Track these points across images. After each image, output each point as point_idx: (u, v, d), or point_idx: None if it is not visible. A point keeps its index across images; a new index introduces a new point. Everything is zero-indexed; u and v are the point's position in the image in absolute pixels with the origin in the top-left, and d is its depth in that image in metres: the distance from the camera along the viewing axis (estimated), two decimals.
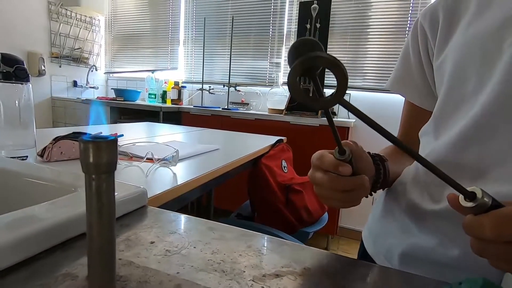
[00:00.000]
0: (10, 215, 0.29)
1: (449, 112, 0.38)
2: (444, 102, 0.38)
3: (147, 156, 0.73)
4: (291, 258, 0.31)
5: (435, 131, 0.40)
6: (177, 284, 0.25)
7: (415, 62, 0.46)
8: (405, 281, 0.29)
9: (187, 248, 0.31)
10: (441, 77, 0.40)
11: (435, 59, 0.42)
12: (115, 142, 0.13)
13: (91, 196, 0.13)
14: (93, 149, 0.12)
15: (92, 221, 0.13)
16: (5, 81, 0.53)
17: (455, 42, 0.37)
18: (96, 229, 0.13)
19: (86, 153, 0.12)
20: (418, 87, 0.47)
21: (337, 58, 0.25)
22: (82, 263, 0.27)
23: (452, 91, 0.37)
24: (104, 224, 0.13)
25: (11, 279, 0.24)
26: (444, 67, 0.39)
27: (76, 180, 0.43)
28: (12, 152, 0.56)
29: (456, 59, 0.36)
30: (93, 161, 0.12)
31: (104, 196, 0.13)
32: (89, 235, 0.13)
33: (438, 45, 0.41)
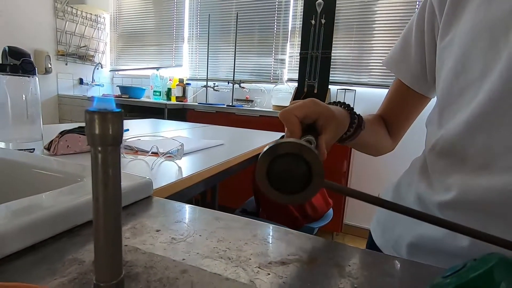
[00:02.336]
0: (17, 202, 0.29)
1: (453, 99, 0.36)
2: (448, 88, 0.37)
3: (152, 150, 0.74)
4: (298, 247, 0.31)
5: (439, 119, 0.39)
6: (183, 270, 0.24)
7: (416, 41, 0.45)
8: (413, 270, 0.28)
9: (192, 236, 0.31)
10: (443, 60, 0.39)
11: (440, 39, 0.40)
12: (121, 114, 0.12)
13: (97, 169, 0.12)
14: (99, 120, 0.12)
15: (98, 193, 0.13)
16: (13, 74, 0.54)
17: (463, 26, 0.36)
18: (102, 203, 0.13)
19: (92, 124, 0.12)
20: (412, 67, 0.46)
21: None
22: (88, 249, 0.27)
23: (457, 77, 0.36)
24: (110, 197, 0.13)
25: (19, 263, 0.24)
26: (449, 50, 0.38)
27: (82, 170, 0.43)
28: (19, 144, 0.56)
29: (463, 43, 0.35)
30: (99, 133, 0.12)
31: (110, 169, 0.12)
32: (95, 209, 0.13)
33: (444, 25, 0.39)
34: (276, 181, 0.22)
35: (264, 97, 2.54)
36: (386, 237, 0.44)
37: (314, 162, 0.21)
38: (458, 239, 0.33)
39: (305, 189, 0.22)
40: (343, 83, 2.26)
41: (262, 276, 0.25)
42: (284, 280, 0.25)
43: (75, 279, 0.22)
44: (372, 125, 0.48)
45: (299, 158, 0.21)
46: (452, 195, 0.34)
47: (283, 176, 0.22)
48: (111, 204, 0.13)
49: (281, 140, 0.22)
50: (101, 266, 0.14)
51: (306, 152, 0.21)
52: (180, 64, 2.87)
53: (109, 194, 0.13)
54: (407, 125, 0.53)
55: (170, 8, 2.84)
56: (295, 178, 0.22)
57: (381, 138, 0.50)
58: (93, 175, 0.12)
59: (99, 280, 0.14)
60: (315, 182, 0.21)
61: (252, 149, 0.98)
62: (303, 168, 0.21)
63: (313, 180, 0.21)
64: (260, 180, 0.22)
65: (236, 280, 0.24)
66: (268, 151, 0.21)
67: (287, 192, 0.22)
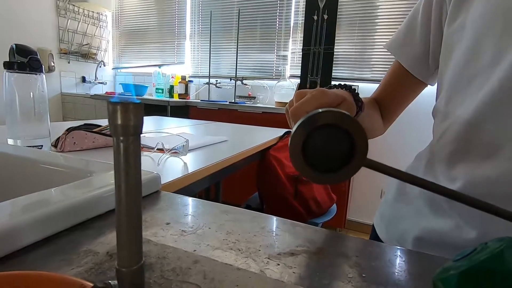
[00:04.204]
0: (31, 196, 0.30)
1: (462, 86, 0.36)
2: (457, 75, 0.36)
3: (158, 146, 0.74)
4: (305, 239, 0.31)
5: (446, 107, 0.38)
6: (195, 260, 0.25)
7: (421, 26, 0.44)
8: (420, 260, 0.29)
9: (202, 228, 0.32)
10: (451, 46, 0.38)
11: (448, 25, 0.39)
12: (141, 105, 0.13)
13: (119, 158, 0.13)
14: (121, 111, 0.12)
15: (120, 181, 0.13)
16: (20, 71, 0.54)
17: (474, 11, 0.35)
18: (124, 190, 0.13)
19: (114, 115, 0.12)
20: (415, 52, 0.46)
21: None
22: (101, 241, 0.28)
23: (467, 63, 0.35)
24: (131, 185, 0.13)
25: (35, 255, 0.25)
26: (458, 36, 0.37)
27: (90, 166, 0.44)
28: (28, 141, 0.57)
29: (474, 29, 0.34)
30: (121, 123, 0.13)
31: (131, 158, 0.13)
32: (117, 196, 0.13)
33: (453, 8, 0.38)
34: (313, 157, 0.19)
35: (266, 93, 2.54)
36: (391, 231, 0.44)
37: (358, 136, 0.18)
38: (465, 232, 0.34)
39: (343, 168, 0.19)
40: (346, 78, 2.25)
41: (272, 266, 0.26)
42: (293, 270, 0.25)
43: (91, 268, 0.23)
44: (367, 109, 0.48)
45: (341, 131, 0.18)
46: (458, 186, 0.34)
47: (321, 151, 0.19)
48: (133, 191, 0.13)
49: (321, 110, 0.18)
50: (123, 252, 0.14)
51: (350, 124, 0.18)
52: (182, 61, 2.87)
53: (130, 181, 0.13)
54: (400, 110, 0.53)
55: (172, 5, 2.84)
56: (334, 154, 0.19)
57: (375, 122, 0.49)
58: (115, 163, 0.13)
59: (121, 265, 0.14)
60: (357, 159, 0.18)
61: (256, 145, 0.98)
62: (345, 143, 0.18)
63: (354, 157, 0.18)
64: (294, 156, 0.19)
65: (247, 270, 0.24)
66: (306, 121, 0.18)
67: (322, 170, 0.19)
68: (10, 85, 0.55)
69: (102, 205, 0.33)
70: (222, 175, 0.80)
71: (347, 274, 0.25)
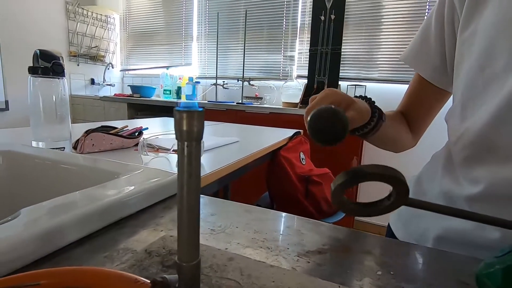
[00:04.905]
0: (69, 196, 0.32)
1: (478, 92, 0.36)
2: (472, 81, 0.37)
3: (174, 147, 0.76)
4: (330, 238, 0.32)
5: (462, 113, 0.39)
6: (229, 258, 0.26)
7: (435, 35, 0.45)
8: (444, 259, 0.30)
9: (229, 227, 0.33)
10: (464, 53, 0.39)
11: (461, 32, 0.40)
12: (203, 113, 0.14)
13: (183, 160, 0.14)
14: (186, 118, 0.14)
15: (183, 182, 0.14)
16: (44, 76, 0.56)
17: (486, 18, 0.36)
18: (186, 190, 0.14)
19: (180, 122, 0.14)
20: (432, 61, 0.46)
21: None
22: (137, 240, 0.29)
23: (481, 69, 0.36)
24: (193, 185, 0.14)
25: (78, 252, 0.26)
26: (471, 43, 0.38)
27: (115, 167, 0.45)
28: (51, 143, 0.59)
29: (487, 36, 0.35)
30: (186, 129, 0.14)
31: (194, 161, 0.14)
32: (180, 195, 0.15)
33: (465, 16, 0.39)
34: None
35: (273, 94, 2.55)
36: (409, 230, 0.45)
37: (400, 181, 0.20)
38: (488, 231, 0.34)
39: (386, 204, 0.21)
40: (353, 78, 2.25)
41: (303, 263, 0.27)
42: (323, 268, 0.26)
43: (133, 265, 0.24)
44: (392, 120, 0.48)
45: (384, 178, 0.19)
46: (480, 188, 0.34)
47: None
48: (194, 191, 0.14)
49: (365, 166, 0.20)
50: (184, 247, 0.15)
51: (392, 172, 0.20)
52: (189, 62, 2.89)
53: (192, 182, 0.14)
54: (428, 121, 0.53)
55: (179, 7, 2.86)
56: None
57: (402, 134, 0.50)
58: (180, 166, 0.14)
59: (181, 260, 0.15)
60: (399, 199, 0.21)
61: (268, 145, 1.00)
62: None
63: (397, 197, 0.20)
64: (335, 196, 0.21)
65: (279, 267, 0.25)
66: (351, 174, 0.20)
67: (365, 205, 0.22)
68: (34, 89, 0.57)
69: (134, 205, 0.34)
70: (236, 175, 0.81)
71: (375, 272, 0.26)
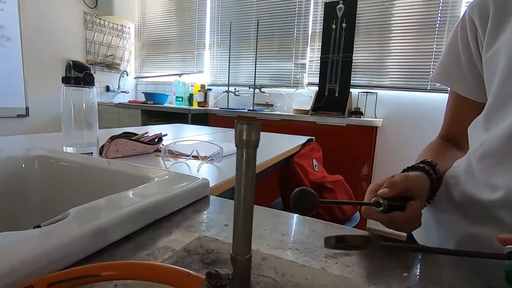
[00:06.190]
0: (111, 198, 0.34)
1: (501, 104, 0.38)
2: (497, 95, 0.39)
3: (193, 154, 0.78)
4: None
5: (485, 124, 0.41)
6: (263, 257, 0.28)
7: (464, 53, 0.47)
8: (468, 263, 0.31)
9: (258, 230, 0.35)
10: (492, 70, 0.41)
11: (485, 52, 0.42)
12: (260, 125, 0.16)
13: (241, 166, 0.16)
14: (246, 130, 0.16)
15: (241, 185, 0.16)
16: (77, 86, 0.60)
17: (508, 36, 0.38)
18: (243, 192, 0.16)
19: (241, 132, 0.16)
20: (466, 78, 0.48)
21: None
22: (174, 239, 0.31)
23: (505, 84, 0.38)
24: (249, 189, 0.16)
25: (123, 249, 0.29)
26: (495, 60, 0.40)
27: (144, 172, 0.48)
28: (81, 149, 0.62)
29: (510, 52, 0.37)
30: (246, 138, 0.16)
31: (251, 166, 0.16)
32: (237, 198, 0.17)
33: (488, 37, 0.41)
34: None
35: (284, 101, 2.58)
36: (430, 236, 0.46)
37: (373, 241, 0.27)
38: None
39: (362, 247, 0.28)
40: (364, 86, 2.25)
41: (331, 264, 0.28)
42: (352, 269, 0.28)
43: (176, 262, 0.26)
44: (443, 159, 0.47)
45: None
46: (500, 195, 0.35)
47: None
48: (250, 193, 0.16)
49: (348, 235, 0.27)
50: (239, 242, 0.17)
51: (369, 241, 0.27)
52: (201, 70, 2.95)
53: (248, 185, 0.16)
54: None
55: (192, 16, 2.94)
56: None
57: (454, 160, 0.49)
58: (238, 170, 0.16)
59: (237, 253, 0.17)
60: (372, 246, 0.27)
61: (282, 152, 1.01)
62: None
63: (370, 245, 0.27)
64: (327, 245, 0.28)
65: (311, 267, 0.27)
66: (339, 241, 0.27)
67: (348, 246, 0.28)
68: (67, 98, 0.60)
69: (169, 207, 0.36)
70: None
71: (402, 273, 0.27)
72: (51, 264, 0.24)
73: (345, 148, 1.96)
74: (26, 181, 0.54)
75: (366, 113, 2.24)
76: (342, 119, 1.97)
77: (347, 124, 1.94)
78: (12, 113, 2.33)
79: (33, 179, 0.54)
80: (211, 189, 0.55)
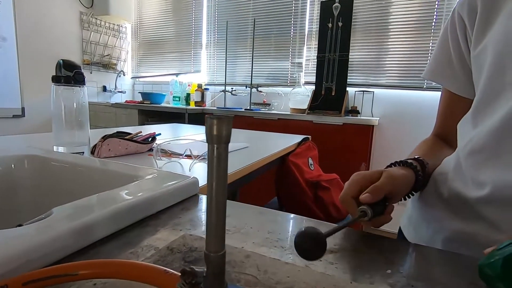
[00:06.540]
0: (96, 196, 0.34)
1: (488, 101, 0.38)
2: (484, 91, 0.39)
3: (186, 153, 0.78)
4: (341, 238, 0.33)
5: (473, 120, 0.41)
6: (247, 255, 0.28)
7: (454, 50, 0.47)
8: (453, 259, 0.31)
9: (244, 228, 0.35)
10: (479, 67, 0.41)
11: (473, 48, 0.42)
12: (231, 119, 0.16)
13: (213, 161, 0.16)
14: (216, 124, 0.15)
15: (213, 181, 0.16)
16: (66, 85, 0.59)
17: (496, 32, 0.38)
18: (215, 189, 0.16)
19: (211, 127, 0.16)
20: (457, 75, 0.48)
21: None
22: (159, 238, 0.31)
23: (492, 80, 0.38)
24: (221, 184, 0.16)
25: (110, 246, 0.29)
26: (483, 57, 0.40)
27: (134, 171, 0.47)
28: (72, 148, 0.62)
29: (497, 48, 0.37)
30: (216, 134, 0.16)
31: (222, 162, 0.16)
32: (209, 194, 0.16)
33: (476, 34, 0.41)
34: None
35: (281, 100, 2.57)
36: (419, 233, 0.46)
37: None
38: (495, 233, 0.35)
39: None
40: (361, 84, 2.25)
41: (316, 262, 0.28)
42: (336, 266, 0.28)
43: (157, 261, 0.26)
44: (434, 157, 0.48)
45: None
46: (487, 191, 0.35)
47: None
48: (222, 189, 0.16)
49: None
50: (212, 239, 0.17)
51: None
52: (198, 70, 2.95)
53: (220, 181, 0.16)
54: None
55: (188, 16, 2.93)
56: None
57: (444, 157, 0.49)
58: (209, 165, 0.16)
59: (210, 250, 0.17)
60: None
61: (277, 151, 1.01)
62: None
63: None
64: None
65: (294, 264, 0.27)
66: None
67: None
68: (57, 97, 0.60)
69: (156, 205, 0.36)
70: (246, 180, 0.83)
71: (385, 270, 0.27)
72: (31, 262, 0.24)
73: (342, 147, 1.96)
74: (16, 180, 0.54)
75: (362, 112, 2.24)
76: (339, 118, 1.97)
77: (344, 123, 1.94)
78: (7, 114, 2.32)
79: (23, 179, 0.54)
80: (201, 188, 0.54)
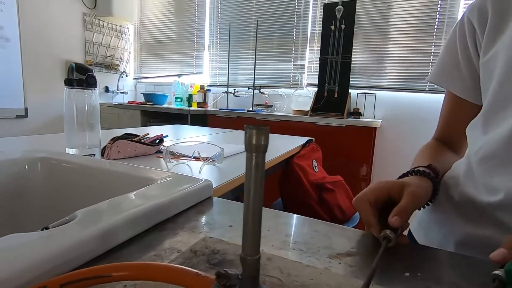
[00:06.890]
0: (117, 199, 0.34)
1: (499, 107, 0.39)
2: (495, 97, 0.40)
3: (194, 155, 0.79)
4: (357, 241, 0.34)
5: (484, 126, 0.41)
6: (268, 258, 0.28)
7: (462, 54, 0.47)
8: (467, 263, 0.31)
9: (262, 231, 0.35)
10: (489, 72, 0.41)
11: (483, 54, 0.43)
12: (268, 129, 0.17)
13: (251, 169, 0.17)
14: (256, 134, 0.16)
15: (250, 188, 0.17)
16: (79, 88, 0.60)
17: (507, 38, 0.38)
18: (252, 196, 0.17)
19: (251, 137, 0.16)
20: (463, 79, 0.48)
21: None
22: (179, 240, 0.32)
23: (502, 86, 0.38)
24: (258, 191, 0.17)
25: (130, 250, 0.29)
26: (493, 63, 0.40)
27: (147, 173, 0.48)
28: (84, 150, 0.63)
29: (508, 55, 0.37)
30: (255, 143, 0.16)
31: (260, 170, 0.17)
32: (247, 200, 0.17)
33: (487, 40, 0.42)
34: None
35: (283, 102, 2.58)
36: (430, 236, 0.46)
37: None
38: None
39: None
40: (363, 87, 2.26)
41: (335, 264, 0.29)
42: (354, 269, 0.28)
43: (183, 263, 0.27)
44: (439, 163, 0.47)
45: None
46: (500, 197, 0.36)
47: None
48: (259, 195, 0.17)
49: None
50: (249, 243, 0.18)
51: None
52: (201, 71, 2.96)
53: (257, 188, 0.17)
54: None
55: (191, 17, 2.94)
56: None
57: (450, 163, 0.50)
58: (248, 173, 0.17)
59: (246, 254, 0.18)
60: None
61: (282, 153, 1.02)
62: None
63: None
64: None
65: (315, 267, 0.28)
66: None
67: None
68: (69, 100, 0.61)
69: (173, 208, 0.37)
70: None
71: (403, 273, 0.28)
72: (60, 266, 0.24)
73: (344, 149, 1.97)
74: (29, 182, 0.54)
75: (365, 114, 2.25)
76: (341, 120, 1.98)
77: (346, 125, 1.95)
78: (11, 114, 2.33)
79: (36, 181, 0.55)
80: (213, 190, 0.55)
